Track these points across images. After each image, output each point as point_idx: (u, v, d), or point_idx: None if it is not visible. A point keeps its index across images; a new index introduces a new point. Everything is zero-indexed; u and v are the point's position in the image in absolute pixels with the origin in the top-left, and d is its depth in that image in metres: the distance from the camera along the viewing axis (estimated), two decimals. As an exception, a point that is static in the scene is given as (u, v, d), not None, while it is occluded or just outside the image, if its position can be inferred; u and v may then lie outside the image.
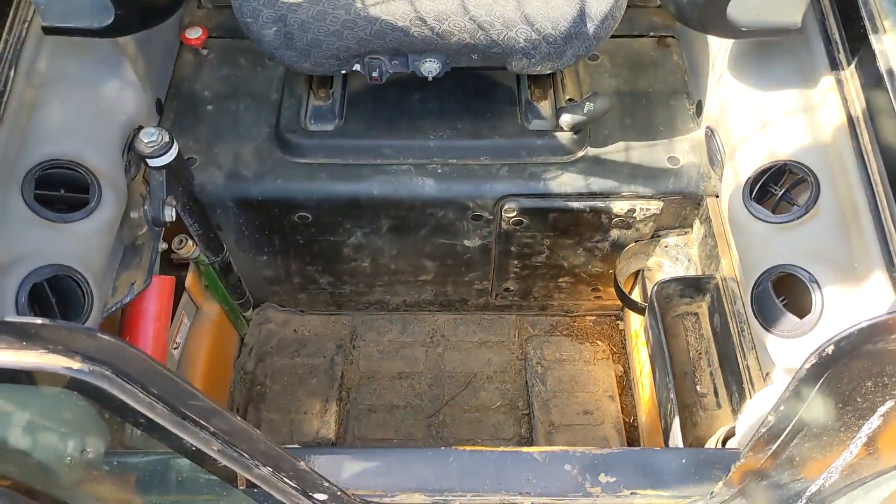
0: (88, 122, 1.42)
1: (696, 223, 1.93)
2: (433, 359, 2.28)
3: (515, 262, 2.05)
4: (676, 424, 1.64)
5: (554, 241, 1.97)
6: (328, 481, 1.20)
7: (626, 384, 2.30)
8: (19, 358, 0.86)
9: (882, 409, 1.02)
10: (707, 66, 1.81)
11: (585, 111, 1.78)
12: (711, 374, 1.81)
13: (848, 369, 0.96)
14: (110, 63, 1.50)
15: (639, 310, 1.99)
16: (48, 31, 1.34)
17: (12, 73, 1.34)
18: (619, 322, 2.41)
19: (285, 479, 1.17)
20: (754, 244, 1.49)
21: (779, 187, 1.49)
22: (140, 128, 1.49)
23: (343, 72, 1.65)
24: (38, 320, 0.83)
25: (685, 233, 1.99)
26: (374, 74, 1.65)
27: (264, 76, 1.93)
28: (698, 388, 1.80)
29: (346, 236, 1.90)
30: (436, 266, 2.05)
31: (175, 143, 1.46)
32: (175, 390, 0.96)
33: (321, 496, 1.24)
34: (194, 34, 1.89)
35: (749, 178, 1.51)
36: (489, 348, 2.32)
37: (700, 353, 1.85)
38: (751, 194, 1.49)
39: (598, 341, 2.36)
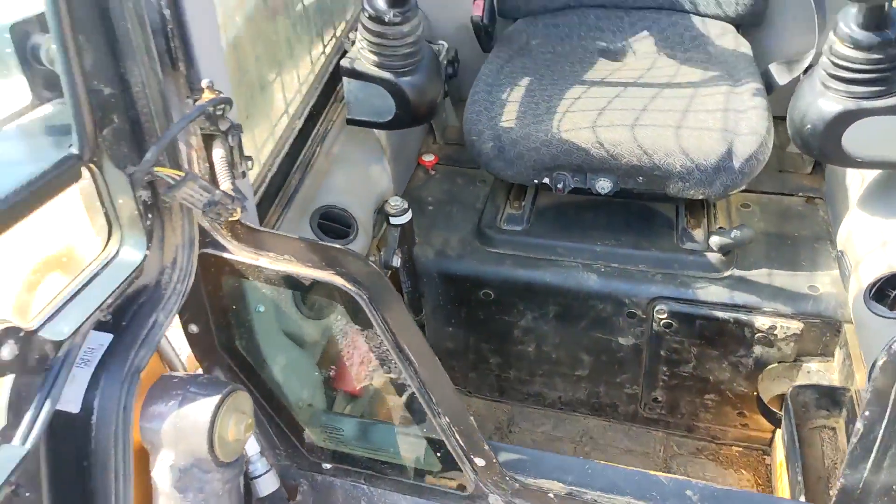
0: (357, 188, 2.04)
1: (837, 351, 2.11)
2: (580, 457, 2.50)
3: (664, 368, 2.31)
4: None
5: (700, 351, 2.23)
6: (487, 445, 1.52)
7: (768, 517, 2.33)
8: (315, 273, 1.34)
9: None
10: (847, 215, 2.11)
11: (733, 236, 2.13)
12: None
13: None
14: (376, 156, 2.15)
15: (776, 421, 2.14)
16: (350, 122, 2.02)
17: (318, 149, 2.01)
18: (765, 457, 2.49)
19: (456, 434, 1.51)
20: (873, 337, 1.70)
21: (896, 289, 1.72)
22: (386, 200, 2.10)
23: (536, 181, 2.16)
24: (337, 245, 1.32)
25: (827, 361, 2.16)
26: (559, 186, 2.15)
27: (473, 192, 2.51)
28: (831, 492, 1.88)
29: (519, 318, 2.31)
30: (592, 360, 2.36)
31: (410, 211, 2.03)
32: (404, 329, 1.37)
33: (480, 461, 1.55)
34: (428, 158, 2.54)
35: (870, 283, 1.76)
36: (634, 457, 2.50)
37: (836, 463, 1.95)
38: (870, 294, 1.73)
39: (742, 470, 2.45)
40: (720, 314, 2.12)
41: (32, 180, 0.88)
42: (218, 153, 1.26)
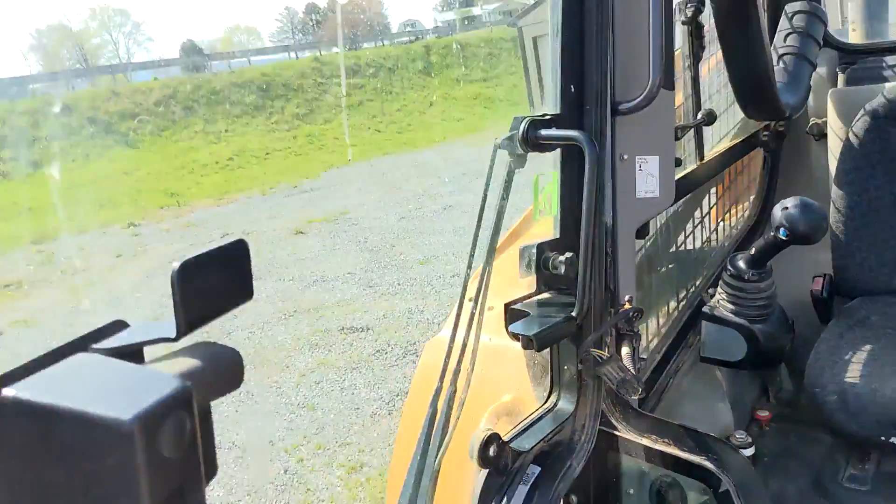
0: (703, 418, 2.32)
1: None
2: None
3: None
4: None
5: None
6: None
7: None
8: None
9: None
10: None
11: None
12: None
13: None
14: (720, 396, 2.44)
15: None
16: (703, 360, 2.38)
17: (671, 381, 2.37)
18: None
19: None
20: None
21: None
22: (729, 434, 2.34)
23: (882, 438, 2.23)
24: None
25: None
26: (911, 447, 2.19)
27: (809, 450, 2.60)
28: None
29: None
30: None
31: (755, 446, 2.23)
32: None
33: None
34: (763, 413, 2.74)
35: None
36: None
37: None
38: None
39: None
40: None
41: (556, 324, 1.44)
42: (625, 349, 1.71)
